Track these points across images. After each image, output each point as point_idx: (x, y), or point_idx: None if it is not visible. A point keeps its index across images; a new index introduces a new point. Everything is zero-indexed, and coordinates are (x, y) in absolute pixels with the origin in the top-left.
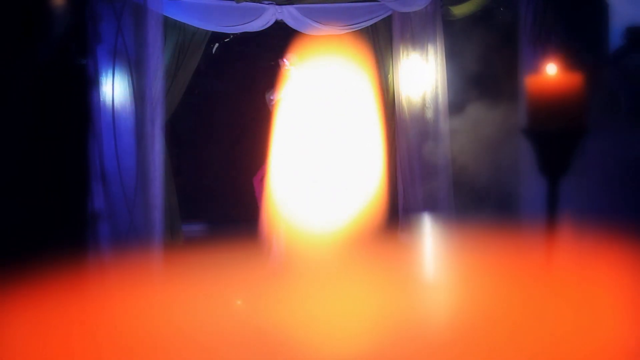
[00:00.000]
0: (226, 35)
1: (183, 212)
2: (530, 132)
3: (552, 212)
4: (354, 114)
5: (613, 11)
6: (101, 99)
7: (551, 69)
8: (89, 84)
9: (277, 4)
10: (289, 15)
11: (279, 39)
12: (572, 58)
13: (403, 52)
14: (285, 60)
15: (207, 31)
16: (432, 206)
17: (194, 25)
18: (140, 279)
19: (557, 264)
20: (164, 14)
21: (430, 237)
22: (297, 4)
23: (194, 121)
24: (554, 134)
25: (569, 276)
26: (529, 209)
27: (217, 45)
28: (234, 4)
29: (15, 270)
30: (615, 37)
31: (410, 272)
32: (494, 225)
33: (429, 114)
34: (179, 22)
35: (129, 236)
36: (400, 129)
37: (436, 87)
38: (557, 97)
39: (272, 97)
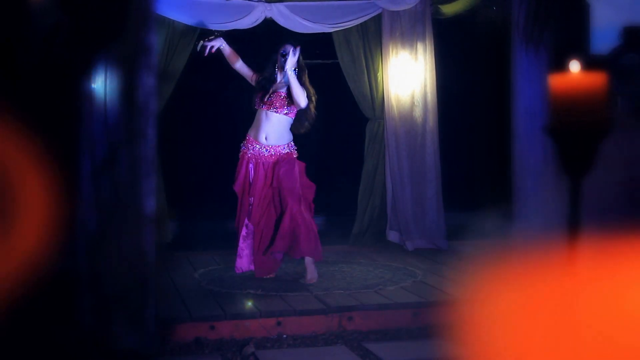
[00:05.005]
0: (211, 32)
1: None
2: (554, 130)
3: (574, 210)
4: None
5: (594, 11)
6: (92, 97)
7: (574, 67)
8: (80, 81)
9: (266, 2)
10: (278, 12)
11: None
12: (565, 58)
13: (392, 51)
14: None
15: (196, 29)
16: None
17: (184, 22)
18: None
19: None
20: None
21: None
22: (286, 1)
23: (179, 119)
24: (578, 133)
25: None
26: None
27: (201, 42)
28: (223, 1)
29: None
30: (600, 37)
31: None
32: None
33: (418, 112)
34: (168, 19)
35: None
36: (389, 127)
37: (425, 86)
38: (581, 95)
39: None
